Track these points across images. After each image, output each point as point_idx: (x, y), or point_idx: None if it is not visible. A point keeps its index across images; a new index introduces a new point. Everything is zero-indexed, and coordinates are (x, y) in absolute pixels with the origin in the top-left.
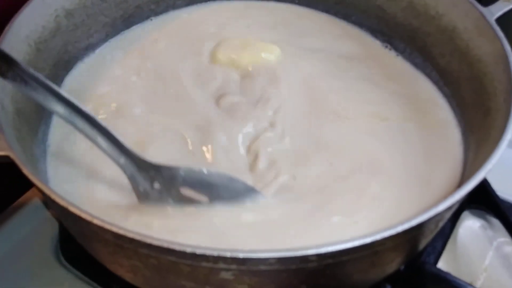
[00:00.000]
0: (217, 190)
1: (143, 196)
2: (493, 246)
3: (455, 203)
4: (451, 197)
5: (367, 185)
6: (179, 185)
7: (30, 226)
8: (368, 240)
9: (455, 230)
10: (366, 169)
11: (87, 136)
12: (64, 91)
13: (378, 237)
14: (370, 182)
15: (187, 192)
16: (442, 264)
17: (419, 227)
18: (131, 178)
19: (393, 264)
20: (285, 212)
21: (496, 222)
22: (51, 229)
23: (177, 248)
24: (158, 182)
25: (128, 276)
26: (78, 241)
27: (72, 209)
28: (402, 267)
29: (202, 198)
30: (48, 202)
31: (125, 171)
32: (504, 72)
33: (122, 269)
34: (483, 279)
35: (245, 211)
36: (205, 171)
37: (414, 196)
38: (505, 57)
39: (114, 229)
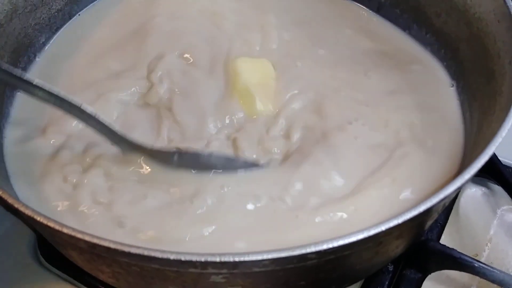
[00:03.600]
0: (213, 167)
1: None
2: (497, 215)
3: (465, 182)
4: (463, 175)
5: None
6: (173, 166)
7: (4, 227)
8: (372, 232)
9: (456, 201)
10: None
11: (81, 120)
12: None
13: (382, 228)
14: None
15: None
16: (445, 238)
17: (427, 212)
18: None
19: (398, 250)
20: None
21: (499, 189)
22: (26, 228)
23: (160, 255)
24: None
25: (110, 282)
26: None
27: (39, 218)
28: None
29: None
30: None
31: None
32: (508, 31)
33: (103, 275)
34: (488, 251)
35: None
36: (200, 153)
37: (416, 167)
38: (509, 14)
39: (87, 238)
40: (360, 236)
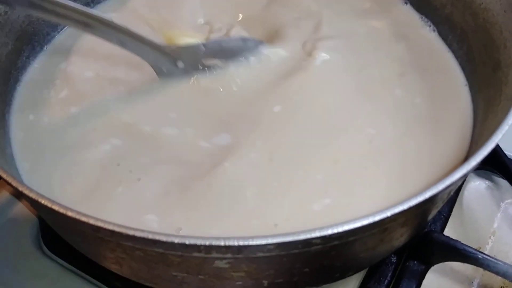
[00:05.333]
0: (233, 51)
1: (166, 76)
2: (501, 208)
3: (471, 169)
4: (469, 162)
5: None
6: (202, 58)
7: (7, 215)
8: (377, 217)
9: (460, 193)
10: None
11: (108, 39)
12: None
13: (388, 213)
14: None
15: (208, 61)
16: (448, 230)
17: (432, 199)
18: (154, 65)
19: (402, 238)
20: None
21: (503, 182)
22: (30, 217)
23: (164, 239)
24: (181, 61)
25: (114, 268)
26: (57, 233)
27: (44, 201)
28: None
29: (219, 62)
30: (18, 193)
31: (147, 60)
32: None
33: (106, 261)
34: (492, 244)
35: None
36: (222, 39)
37: (421, 158)
38: None
39: (92, 222)
40: (366, 222)
